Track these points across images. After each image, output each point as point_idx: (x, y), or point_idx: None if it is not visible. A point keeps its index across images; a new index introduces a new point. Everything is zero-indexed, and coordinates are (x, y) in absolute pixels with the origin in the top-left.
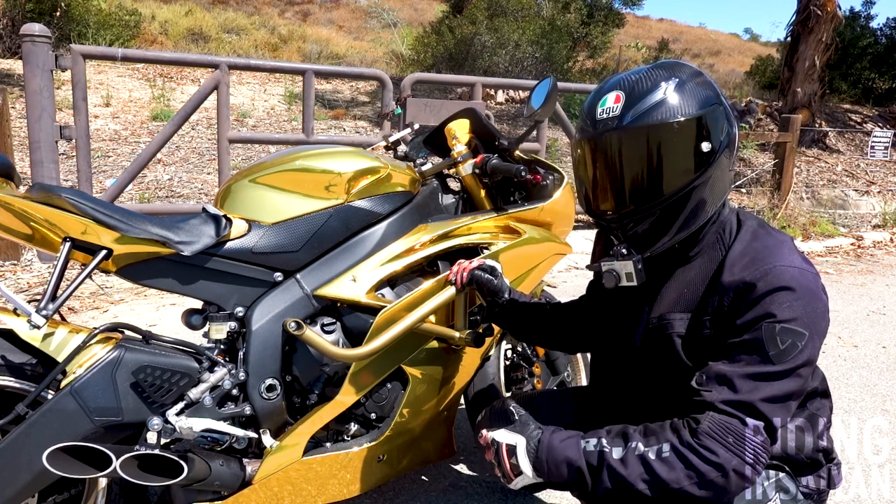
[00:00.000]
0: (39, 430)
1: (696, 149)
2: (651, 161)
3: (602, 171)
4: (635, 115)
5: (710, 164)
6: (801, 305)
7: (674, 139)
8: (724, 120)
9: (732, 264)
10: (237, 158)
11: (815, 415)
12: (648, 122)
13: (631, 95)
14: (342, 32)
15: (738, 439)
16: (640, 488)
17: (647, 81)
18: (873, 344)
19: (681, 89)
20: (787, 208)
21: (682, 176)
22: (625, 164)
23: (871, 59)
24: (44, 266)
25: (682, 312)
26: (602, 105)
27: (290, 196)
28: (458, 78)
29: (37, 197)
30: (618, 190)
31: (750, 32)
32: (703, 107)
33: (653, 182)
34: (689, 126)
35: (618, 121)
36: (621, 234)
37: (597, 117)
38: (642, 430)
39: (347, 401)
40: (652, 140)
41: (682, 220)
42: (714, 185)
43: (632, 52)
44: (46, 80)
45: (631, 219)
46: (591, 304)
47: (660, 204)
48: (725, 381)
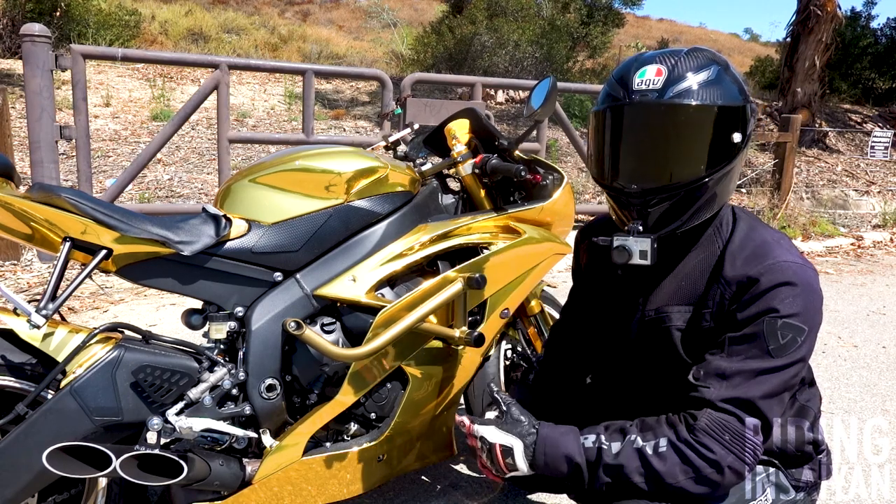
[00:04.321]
0: (39, 429)
1: (729, 137)
2: (687, 141)
3: (631, 142)
4: (678, 92)
5: (736, 154)
6: (802, 301)
7: (710, 124)
8: (752, 115)
9: (733, 257)
10: (237, 158)
11: (805, 406)
12: (692, 102)
13: (673, 71)
14: (342, 32)
15: (736, 437)
16: (636, 482)
17: (690, 61)
18: (873, 344)
19: (721, 76)
20: (787, 208)
21: (712, 162)
22: (659, 140)
23: (871, 59)
24: (44, 266)
25: (680, 305)
26: (641, 76)
27: (290, 196)
28: (458, 78)
29: (37, 197)
30: (647, 165)
31: (750, 32)
32: (737, 98)
33: (685, 162)
34: (728, 113)
35: (658, 94)
36: (637, 210)
37: (633, 87)
38: (639, 425)
39: (347, 401)
40: (692, 120)
41: (696, 207)
42: (732, 178)
43: (632, 52)
44: (46, 80)
45: (656, 196)
46: (577, 314)
47: (686, 186)
48: (724, 376)
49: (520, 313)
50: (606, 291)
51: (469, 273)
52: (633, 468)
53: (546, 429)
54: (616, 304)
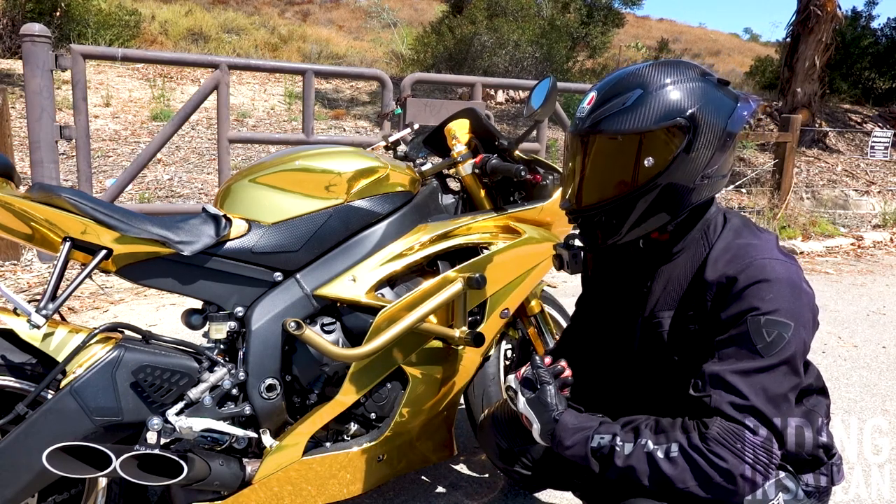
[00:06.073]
0: (39, 429)
1: (637, 163)
2: (600, 166)
3: (569, 166)
4: (594, 120)
5: (656, 176)
6: (784, 296)
7: (615, 150)
8: (690, 131)
9: (715, 260)
10: (237, 158)
11: (811, 411)
12: (599, 129)
13: (599, 99)
14: (342, 32)
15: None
16: (644, 483)
17: (617, 86)
18: (873, 344)
19: (642, 101)
20: (787, 208)
21: (622, 185)
22: (578, 165)
23: (871, 59)
24: (44, 266)
25: (669, 310)
26: (583, 103)
27: (290, 196)
28: (458, 78)
29: (37, 197)
30: (576, 186)
31: (750, 32)
32: (659, 121)
33: (599, 186)
34: (632, 140)
35: (581, 122)
36: (578, 226)
37: (577, 113)
38: (653, 426)
39: (347, 401)
40: (596, 147)
41: (630, 223)
42: (671, 195)
43: (632, 52)
44: (46, 80)
45: (581, 214)
46: (586, 320)
47: (604, 207)
48: (720, 381)
49: (520, 313)
50: (611, 297)
51: (469, 273)
52: (643, 471)
53: (566, 416)
54: (619, 309)
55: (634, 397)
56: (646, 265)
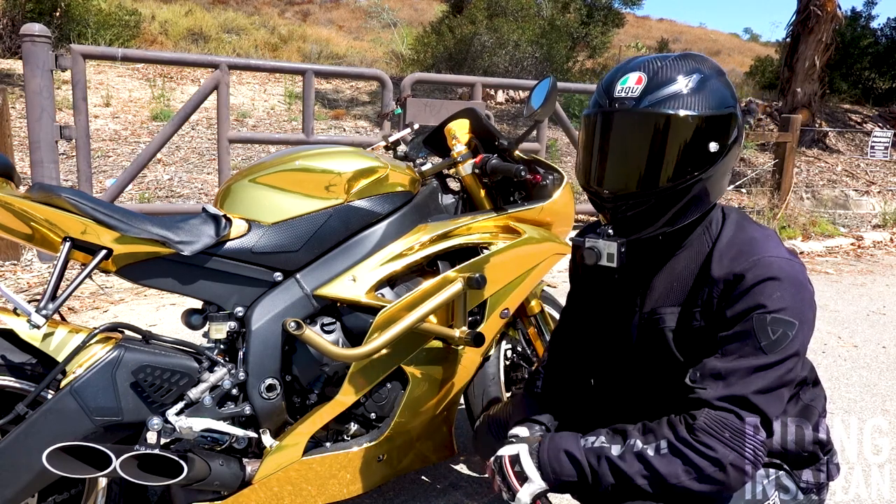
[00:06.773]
0: (39, 429)
1: (704, 147)
2: (658, 149)
3: (607, 149)
4: (653, 100)
5: (713, 163)
6: (790, 295)
7: (684, 133)
8: (735, 123)
9: (721, 256)
10: (237, 158)
11: (809, 406)
12: (664, 111)
13: (653, 80)
14: (342, 32)
15: (736, 435)
16: (639, 483)
17: (671, 69)
18: (873, 344)
19: (702, 85)
20: (787, 208)
21: (685, 170)
22: (631, 147)
23: (871, 59)
24: (44, 266)
25: (672, 306)
26: (622, 83)
27: (290, 196)
28: (458, 78)
29: (37, 197)
30: (619, 170)
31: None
32: (719, 107)
33: (655, 170)
34: (702, 124)
35: (634, 102)
36: (611, 214)
37: (614, 94)
38: (640, 428)
39: (347, 401)
40: (663, 129)
41: (672, 213)
42: (713, 185)
43: (632, 52)
44: (46, 80)
45: (625, 201)
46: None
47: (656, 193)
48: (719, 376)
49: (520, 313)
50: (606, 294)
51: (469, 273)
52: (636, 471)
53: (550, 434)
54: (616, 306)
55: (630, 393)
56: (645, 261)
